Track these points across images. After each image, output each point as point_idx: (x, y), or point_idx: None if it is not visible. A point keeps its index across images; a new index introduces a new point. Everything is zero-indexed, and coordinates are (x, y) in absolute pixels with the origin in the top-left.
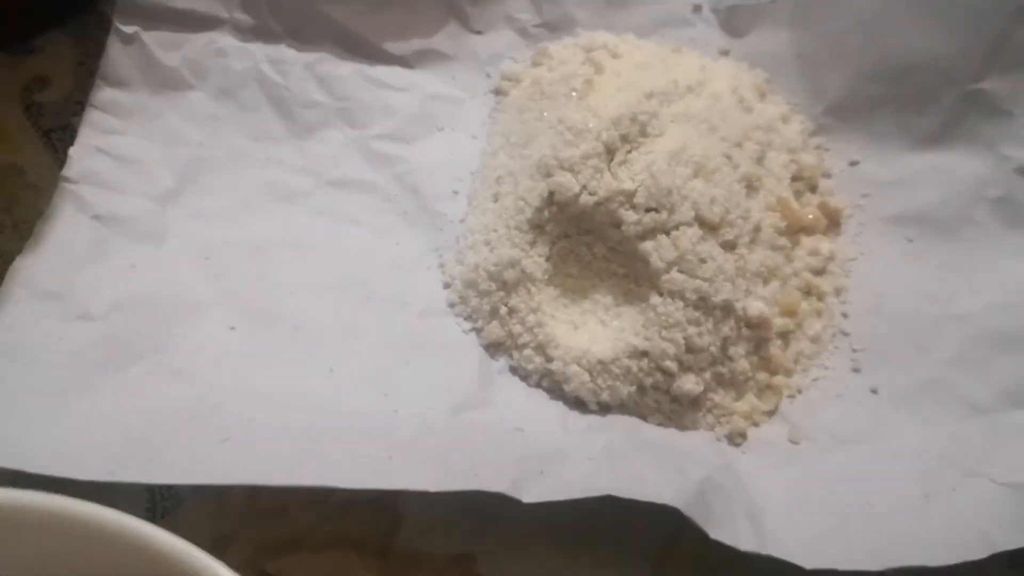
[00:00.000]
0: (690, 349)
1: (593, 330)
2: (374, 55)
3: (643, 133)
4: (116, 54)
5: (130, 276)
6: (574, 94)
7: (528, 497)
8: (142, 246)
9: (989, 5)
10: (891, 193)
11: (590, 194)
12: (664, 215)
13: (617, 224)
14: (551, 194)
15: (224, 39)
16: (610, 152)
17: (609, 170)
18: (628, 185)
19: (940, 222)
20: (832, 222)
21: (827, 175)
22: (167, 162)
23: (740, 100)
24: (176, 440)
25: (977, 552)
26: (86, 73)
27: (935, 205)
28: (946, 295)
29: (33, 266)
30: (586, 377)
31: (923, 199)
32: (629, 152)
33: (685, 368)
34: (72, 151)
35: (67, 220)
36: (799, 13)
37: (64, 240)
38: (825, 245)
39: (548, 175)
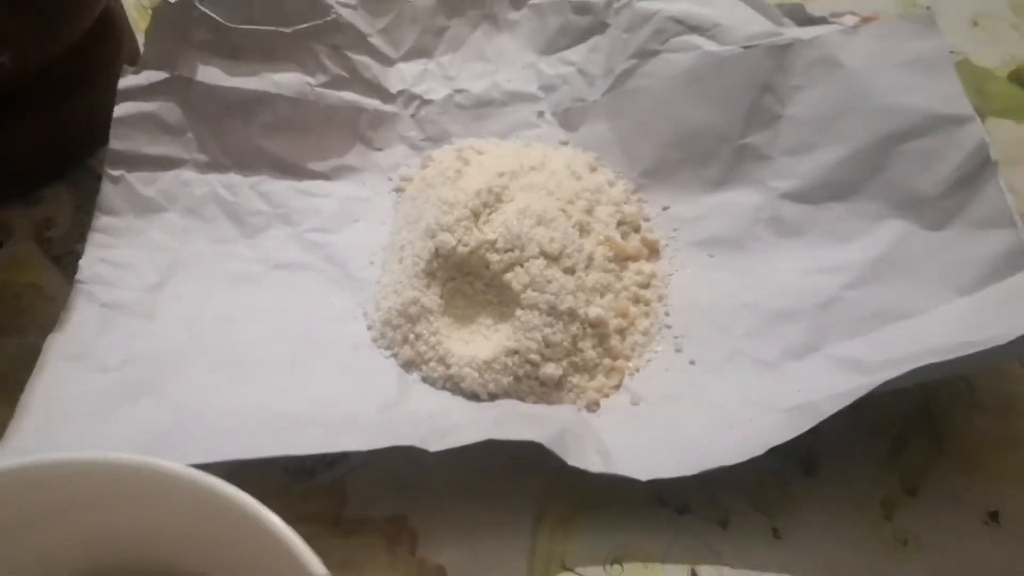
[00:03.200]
0: (548, 344)
1: (479, 343)
2: (301, 173)
3: (499, 200)
4: (108, 191)
5: (131, 341)
6: (448, 180)
7: (433, 447)
8: (138, 321)
9: (742, 84)
10: (694, 225)
11: (464, 246)
12: (517, 253)
13: (486, 265)
14: (436, 249)
15: (187, 173)
16: (475, 215)
17: (476, 227)
18: (491, 236)
19: (731, 240)
20: (652, 251)
21: (646, 219)
22: (152, 264)
23: (573, 172)
24: (177, 440)
25: (758, 450)
26: (82, 212)
27: (726, 229)
28: (739, 290)
29: (61, 339)
30: (476, 375)
31: (718, 226)
32: (490, 214)
33: (546, 359)
34: (82, 262)
35: (82, 309)
36: (613, 108)
37: (81, 322)
38: (647, 267)
39: (433, 236)
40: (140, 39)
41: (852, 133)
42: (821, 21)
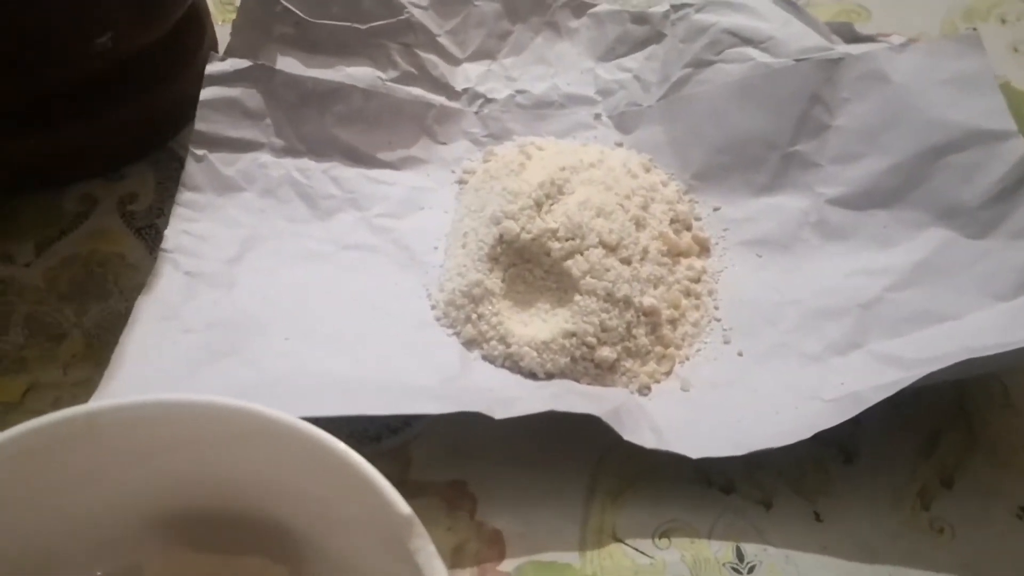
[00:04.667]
0: (604, 329)
1: (538, 325)
2: (371, 162)
3: (560, 191)
4: (192, 169)
5: (213, 308)
6: (512, 172)
7: (499, 415)
8: (219, 290)
9: (793, 95)
10: (743, 226)
11: (527, 233)
12: (578, 242)
13: (547, 252)
14: (500, 236)
15: (265, 156)
16: (538, 205)
17: (539, 216)
18: (552, 225)
19: (778, 242)
20: (703, 248)
21: (698, 218)
22: (231, 238)
23: (629, 171)
24: (257, 398)
25: (803, 435)
26: (163, 189)
27: (774, 231)
28: (785, 288)
29: (150, 302)
30: (534, 354)
31: (766, 228)
32: (552, 204)
33: (602, 343)
34: (167, 232)
35: (167, 275)
36: (667, 114)
37: (167, 287)
38: (698, 263)
39: (498, 223)
40: (219, 31)
41: (898, 145)
42: (869, 39)
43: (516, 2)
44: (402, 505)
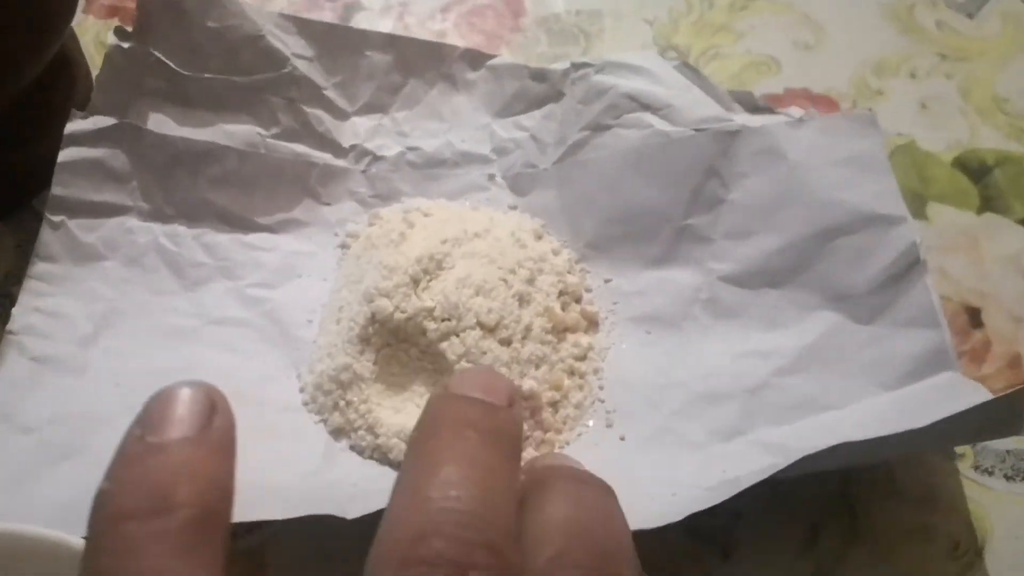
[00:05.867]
0: None
1: (411, 412)
2: (247, 226)
3: (440, 267)
4: (47, 237)
5: (58, 400)
6: (392, 243)
7: (352, 514)
8: (67, 378)
9: (689, 166)
10: (634, 300)
11: (401, 312)
12: (454, 323)
13: (423, 332)
14: (373, 315)
15: (130, 221)
16: (415, 282)
17: (415, 294)
18: (428, 304)
19: (668, 319)
20: (591, 323)
21: (588, 290)
22: (87, 315)
23: (517, 240)
24: None
25: (676, 516)
26: (21, 253)
27: (664, 307)
28: (672, 369)
29: None
30: (403, 445)
31: (656, 303)
32: (430, 281)
33: None
34: (14, 311)
35: (10, 363)
36: (562, 177)
37: (7, 377)
38: (585, 339)
39: (371, 301)
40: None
41: (790, 223)
42: (767, 110)
43: (409, 53)
44: None
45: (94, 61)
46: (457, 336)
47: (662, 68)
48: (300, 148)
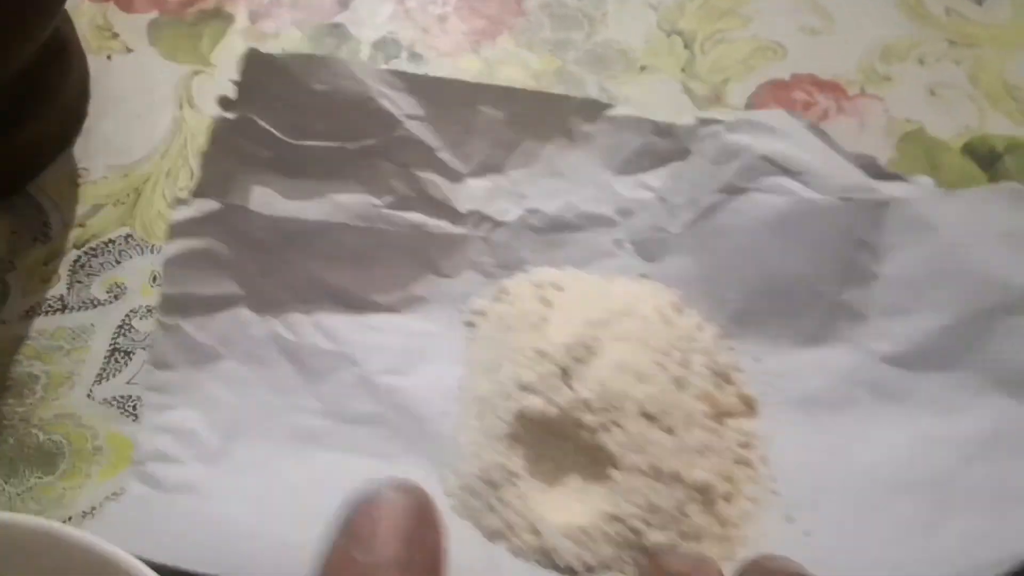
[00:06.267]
0: (652, 510)
1: (571, 507)
2: (366, 306)
3: (590, 352)
4: (162, 343)
5: (196, 529)
6: (532, 327)
7: None
8: (202, 504)
9: (838, 237)
10: (790, 381)
11: (553, 407)
12: (614, 412)
13: (580, 426)
14: (521, 412)
15: (244, 312)
16: (565, 372)
17: (567, 385)
18: (585, 395)
19: (830, 402)
20: (749, 407)
21: (739, 370)
22: (212, 426)
23: (662, 316)
24: None
25: None
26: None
27: (824, 389)
28: (844, 456)
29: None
30: (570, 544)
31: (815, 385)
32: (581, 368)
33: (652, 526)
34: (139, 438)
35: (140, 497)
36: (698, 244)
37: (139, 516)
38: (747, 424)
39: (518, 396)
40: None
41: (950, 302)
42: (897, 177)
43: (522, 106)
44: None
45: (89, 45)
46: (619, 426)
47: (795, 128)
48: (416, 217)
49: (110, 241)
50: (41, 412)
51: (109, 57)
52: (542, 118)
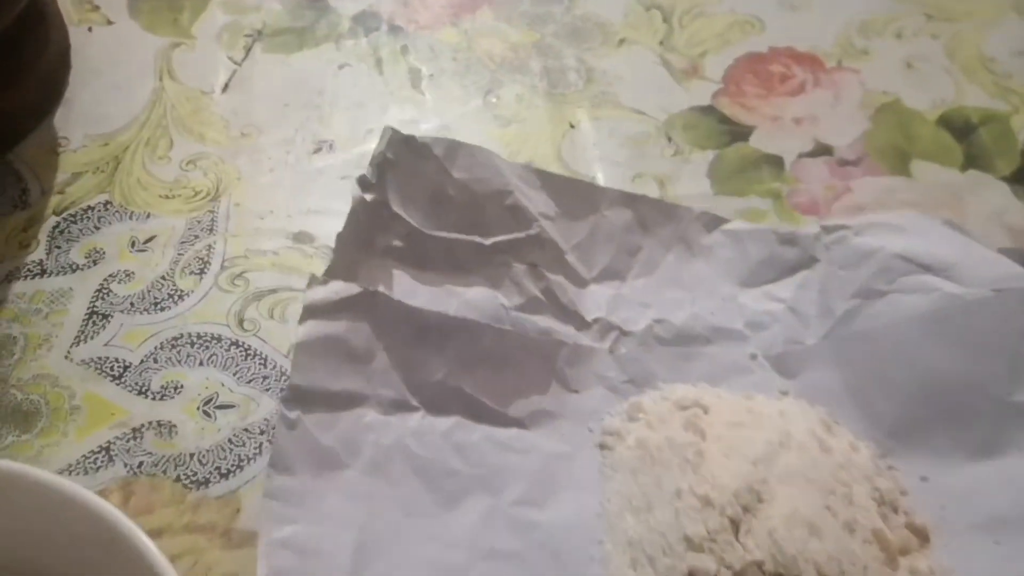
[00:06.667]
0: None
1: None
2: (497, 419)
3: (759, 499)
4: (283, 441)
5: None
6: (687, 464)
7: None
8: None
9: (999, 331)
10: (966, 502)
11: (726, 568)
12: None
13: None
14: (690, 573)
15: (370, 415)
16: (734, 523)
17: (738, 540)
18: (758, 555)
19: (1018, 522)
20: (921, 539)
21: (904, 493)
22: (339, 548)
23: (819, 442)
24: None
25: None
26: None
27: (1009, 507)
28: None
29: None
30: None
31: (996, 504)
32: (749, 518)
33: None
34: (260, 549)
35: None
36: (840, 354)
37: None
38: (922, 562)
39: (683, 555)
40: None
41: None
42: None
43: (644, 212)
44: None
45: (71, 17)
46: None
47: (928, 226)
48: (545, 321)
49: (89, 208)
50: (19, 372)
51: (90, 29)
52: (662, 226)
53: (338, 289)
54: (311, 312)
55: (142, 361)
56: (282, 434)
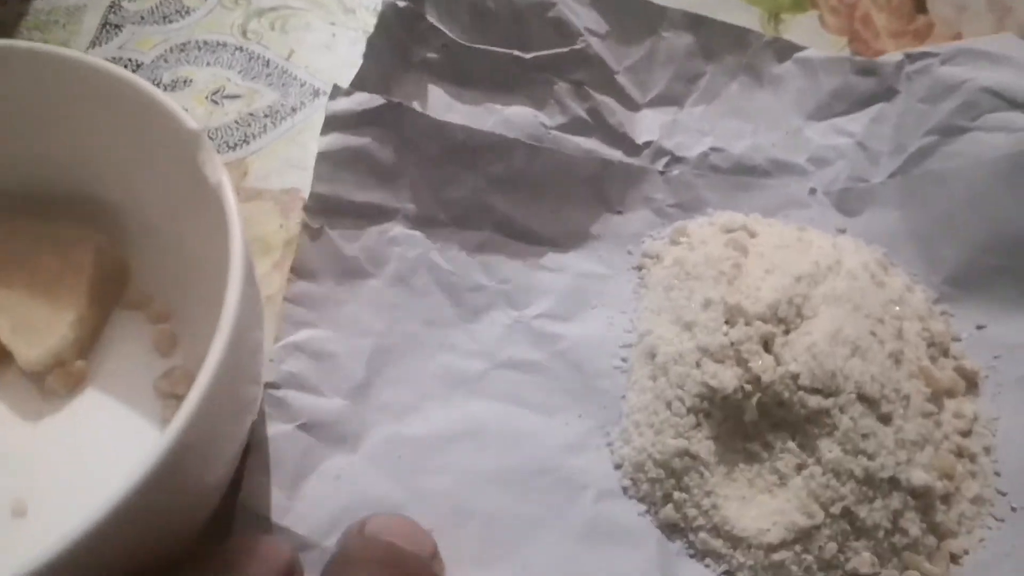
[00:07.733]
0: (861, 525)
1: (764, 505)
2: (531, 238)
3: (799, 315)
4: (306, 249)
5: (337, 489)
6: (722, 276)
7: None
8: (342, 454)
9: None
10: (1022, 355)
11: (748, 383)
12: (829, 395)
13: (780, 403)
14: (712, 386)
15: (396, 228)
16: (764, 336)
17: (770, 352)
18: (794, 368)
19: None
20: (970, 384)
21: (956, 339)
22: (355, 354)
23: (872, 276)
24: None
25: None
26: None
27: None
28: None
29: (258, 490)
30: (761, 556)
31: None
32: (787, 334)
33: (858, 542)
34: (275, 349)
35: (280, 434)
36: (907, 194)
37: (278, 457)
38: (968, 407)
39: (705, 367)
40: None
41: None
42: None
43: (711, 36)
44: (190, 122)
45: None
46: (839, 413)
47: None
48: (590, 143)
49: None
50: None
51: None
52: (729, 52)
53: (361, 101)
54: (333, 124)
55: (153, 61)
56: (306, 244)
